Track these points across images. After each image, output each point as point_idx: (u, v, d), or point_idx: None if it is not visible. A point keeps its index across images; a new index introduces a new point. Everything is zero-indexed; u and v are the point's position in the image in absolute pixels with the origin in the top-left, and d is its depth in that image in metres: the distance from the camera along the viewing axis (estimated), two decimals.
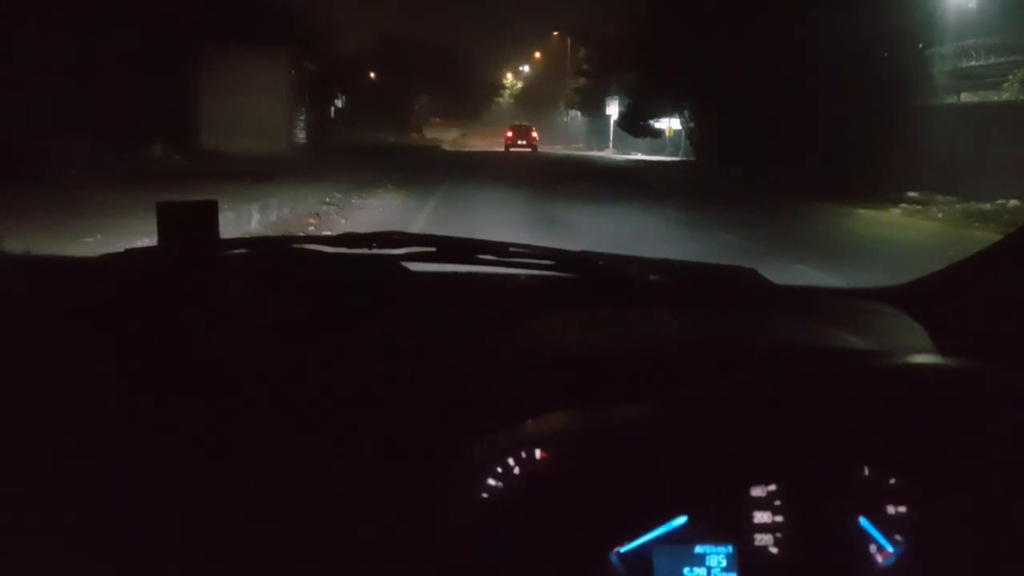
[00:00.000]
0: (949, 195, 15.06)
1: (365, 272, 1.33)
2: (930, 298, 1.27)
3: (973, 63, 18.95)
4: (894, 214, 14.40)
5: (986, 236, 11.10)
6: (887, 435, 0.74)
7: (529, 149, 40.61)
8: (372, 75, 43.29)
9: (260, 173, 13.64)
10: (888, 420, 0.69)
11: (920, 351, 1.11)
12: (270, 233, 7.68)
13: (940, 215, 13.94)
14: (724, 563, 1.02)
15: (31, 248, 1.32)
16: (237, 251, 1.30)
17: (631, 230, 10.69)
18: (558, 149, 50.48)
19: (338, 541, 0.94)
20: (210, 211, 1.18)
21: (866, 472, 1.00)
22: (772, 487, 1.01)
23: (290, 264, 1.32)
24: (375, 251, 1.36)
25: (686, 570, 1.01)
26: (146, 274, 1.21)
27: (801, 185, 16.75)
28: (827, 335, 1.18)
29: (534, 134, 42.11)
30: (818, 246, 9.75)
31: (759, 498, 1.02)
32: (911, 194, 15.41)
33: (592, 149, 49.71)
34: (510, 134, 41.78)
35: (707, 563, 1.02)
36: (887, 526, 1.02)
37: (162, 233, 1.17)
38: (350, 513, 0.95)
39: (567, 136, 62.19)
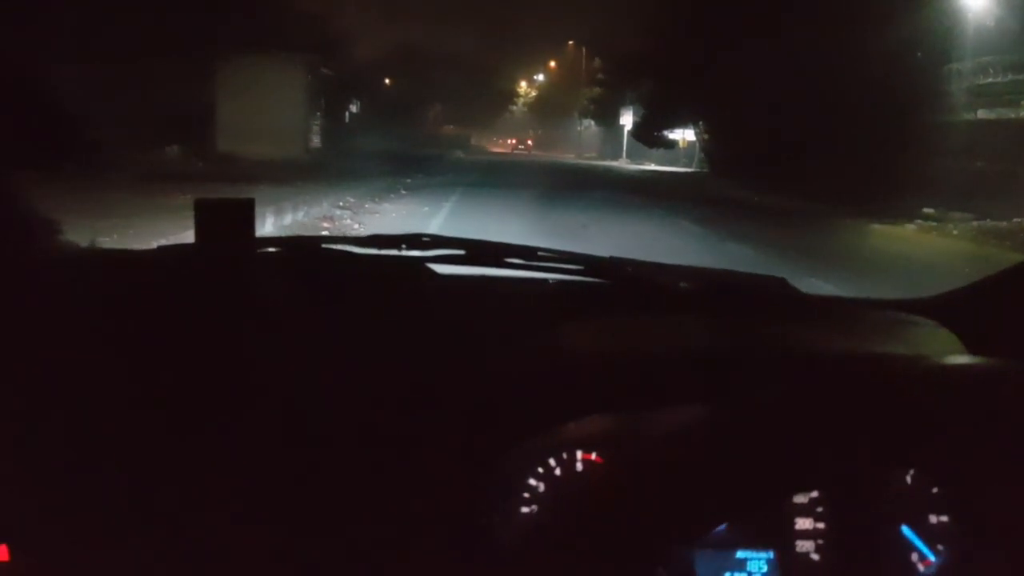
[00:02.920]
0: (965, 212, 14.98)
1: (393, 274, 1.34)
2: (963, 309, 1.27)
3: (991, 80, 18.86)
4: (909, 230, 14.34)
5: (1002, 255, 11.03)
6: (930, 442, 0.73)
7: (526, 151, 61.97)
8: (387, 82, 43.40)
9: (275, 177, 13.70)
10: (931, 426, 0.69)
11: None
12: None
13: (955, 232, 13.86)
14: (765, 568, 1.01)
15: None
16: (271, 250, 1.31)
17: (644, 241, 10.67)
18: (570, 158, 50.54)
19: (378, 543, 0.95)
20: (247, 209, 1.19)
21: (909, 480, 1.00)
22: (814, 494, 1.01)
23: (320, 264, 1.33)
24: (404, 252, 1.37)
25: (727, 575, 1.01)
26: (182, 270, 1.22)
27: (815, 199, 16.71)
28: (862, 342, 1.18)
29: (529, 142, 67.15)
30: (832, 260, 9.71)
31: (801, 504, 1.02)
32: (926, 210, 15.34)
33: (605, 159, 49.70)
34: (513, 141, 67.18)
35: (748, 568, 1.01)
36: (929, 535, 1.01)
37: (199, 230, 1.18)
38: (388, 516, 0.95)
39: (580, 145, 62.20)
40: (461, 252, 1.33)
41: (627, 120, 45.06)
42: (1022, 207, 14.18)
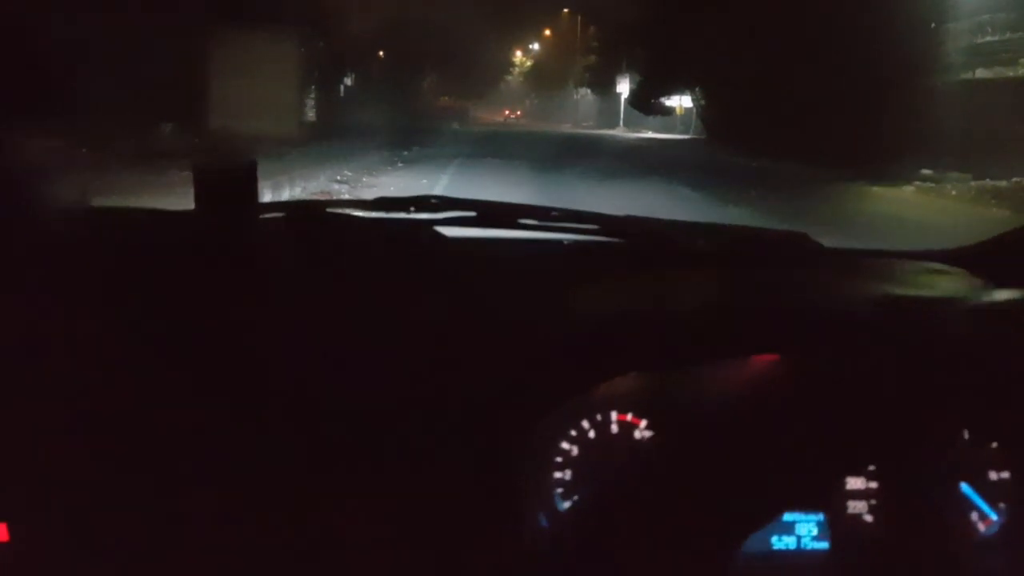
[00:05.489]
0: (963, 172, 14.93)
1: (402, 238, 1.30)
2: (993, 258, 1.23)
3: (989, 39, 18.71)
4: (907, 192, 14.30)
5: (1002, 214, 11.00)
6: (986, 392, 0.70)
7: (516, 120, 66.12)
8: (381, 55, 43.02)
9: (270, 152, 13.61)
10: (987, 374, 0.65)
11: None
12: None
13: (954, 193, 13.83)
14: (815, 532, 0.97)
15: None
16: (274, 215, 1.27)
17: (642, 208, 10.57)
18: (567, 128, 50.32)
19: (401, 511, 0.92)
20: (249, 173, 1.15)
21: (967, 435, 0.95)
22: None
23: (326, 229, 1.29)
24: (412, 216, 1.33)
25: (775, 539, 0.97)
26: (184, 237, 1.18)
27: (813, 163, 16.64)
28: (895, 291, 1.14)
29: (519, 112, 72.78)
30: (831, 223, 9.65)
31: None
32: (925, 171, 15.29)
33: (602, 127, 49.43)
34: (507, 112, 70.77)
35: (797, 531, 0.97)
36: (990, 493, 0.97)
37: (199, 196, 1.14)
38: (411, 486, 0.92)
39: (577, 115, 61.86)
40: (472, 214, 1.29)
41: (624, 88, 44.78)
42: (1021, 166, 14.13)
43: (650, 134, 39.72)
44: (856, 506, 0.97)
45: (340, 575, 0.91)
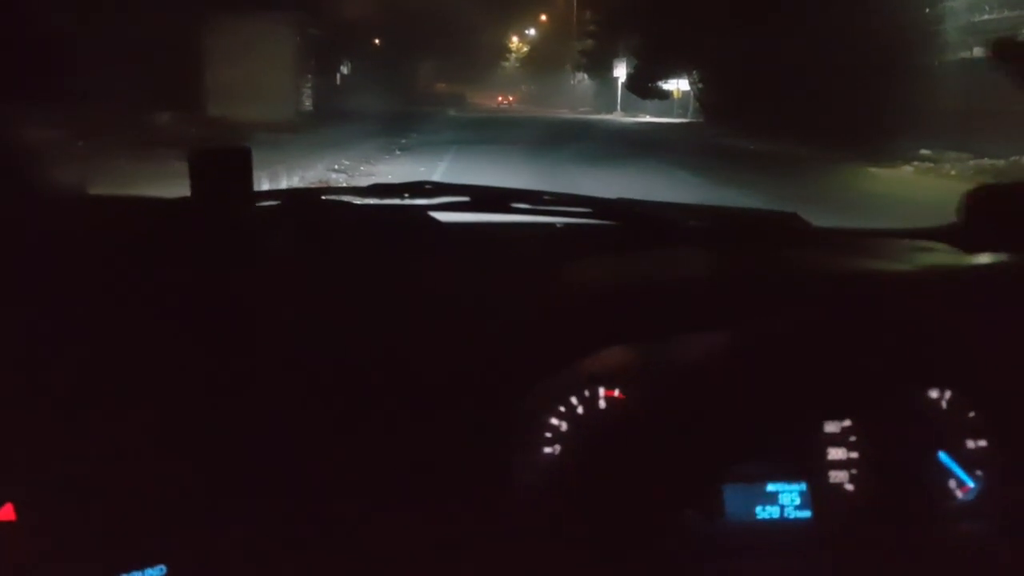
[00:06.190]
0: (962, 152, 14.91)
1: (396, 223, 1.31)
2: (976, 230, 1.24)
3: (986, 16, 18.64)
4: (906, 172, 14.29)
5: None
6: (963, 361, 0.71)
7: (509, 106, 67.45)
8: (377, 41, 42.88)
9: (268, 140, 13.59)
10: (963, 343, 0.67)
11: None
12: None
13: (953, 172, 13.82)
14: (798, 501, 1.00)
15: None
16: (269, 203, 1.29)
17: (640, 192, 10.57)
18: (564, 113, 50.12)
19: (394, 489, 0.93)
20: (243, 158, 1.16)
21: (945, 405, 0.98)
22: (847, 422, 0.99)
23: (321, 216, 1.30)
24: (406, 201, 1.34)
25: (758, 509, 0.99)
26: (180, 225, 1.19)
27: (811, 145, 16.62)
28: (879, 266, 1.16)
29: (512, 98, 73.74)
30: (831, 205, 9.66)
31: (834, 434, 0.99)
32: (923, 152, 15.27)
33: (600, 112, 49.30)
34: (499, 99, 71.84)
35: (780, 501, 1.00)
36: (967, 460, 1.00)
37: (195, 181, 1.15)
38: (404, 463, 0.94)
39: (574, 99, 61.62)
40: (466, 199, 1.31)
41: (620, 72, 44.62)
42: (1019, 145, 14.11)
43: (648, 118, 39.62)
44: (837, 476, 1.00)
45: (335, 537, 0.93)
